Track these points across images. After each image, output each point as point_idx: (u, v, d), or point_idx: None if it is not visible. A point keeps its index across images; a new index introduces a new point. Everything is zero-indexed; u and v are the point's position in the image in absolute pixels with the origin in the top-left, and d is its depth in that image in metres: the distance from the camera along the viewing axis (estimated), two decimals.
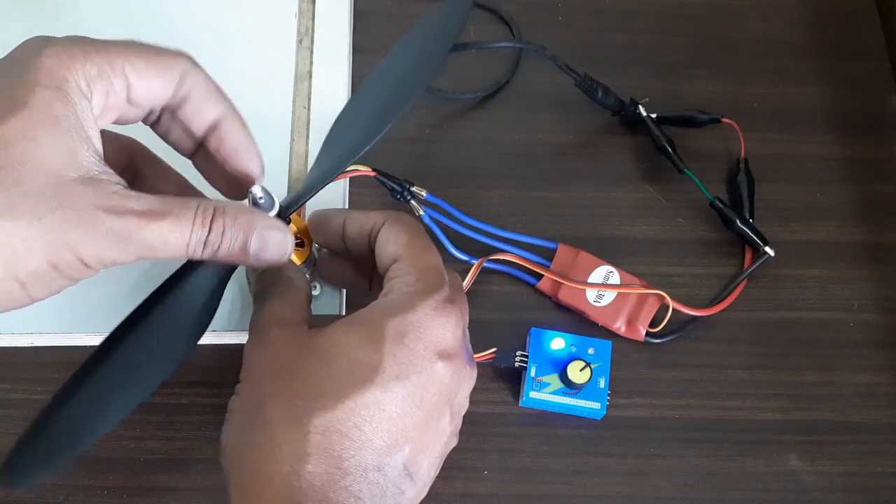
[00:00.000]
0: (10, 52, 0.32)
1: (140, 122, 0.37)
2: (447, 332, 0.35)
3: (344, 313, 0.47)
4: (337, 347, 0.34)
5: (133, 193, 0.32)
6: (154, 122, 0.37)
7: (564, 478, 0.45)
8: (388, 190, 0.47)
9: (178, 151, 0.38)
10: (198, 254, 0.33)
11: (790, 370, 0.48)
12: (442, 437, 0.35)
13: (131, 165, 0.38)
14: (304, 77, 0.53)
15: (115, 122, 0.35)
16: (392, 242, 0.37)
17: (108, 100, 0.33)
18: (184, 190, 0.39)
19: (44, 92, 0.30)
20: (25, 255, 0.29)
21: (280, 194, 0.49)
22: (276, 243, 0.35)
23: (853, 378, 0.48)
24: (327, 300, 0.46)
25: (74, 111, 0.31)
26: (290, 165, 0.50)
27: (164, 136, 0.38)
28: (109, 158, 0.37)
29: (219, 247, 0.33)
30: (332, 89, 0.52)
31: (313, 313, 0.39)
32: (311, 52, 0.53)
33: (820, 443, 0.46)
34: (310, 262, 0.42)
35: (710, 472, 0.45)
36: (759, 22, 0.58)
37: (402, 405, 0.33)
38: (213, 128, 0.36)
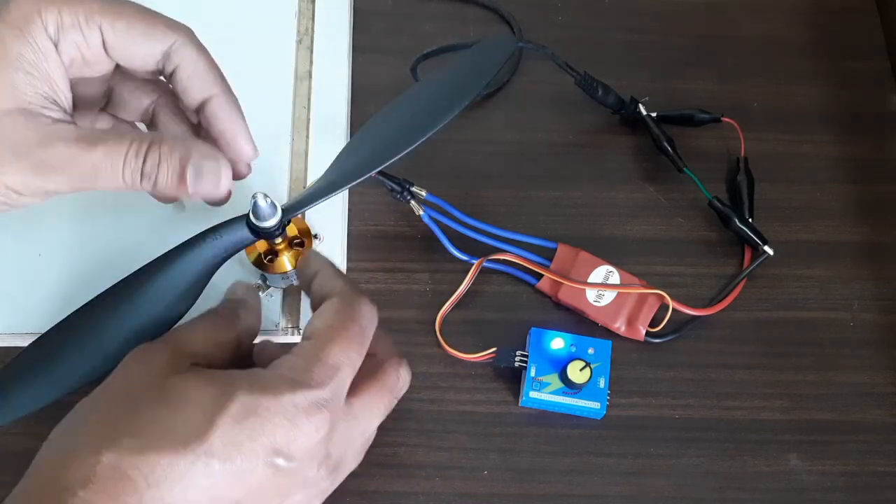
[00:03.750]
0: None
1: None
2: (298, 436, 0.32)
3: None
4: (179, 399, 0.32)
5: (72, 127, 0.32)
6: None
7: (564, 478, 0.45)
8: (389, 190, 0.47)
9: None
10: (136, 185, 0.33)
11: (790, 370, 0.48)
12: None
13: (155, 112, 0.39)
14: (303, 77, 0.52)
15: (96, 75, 0.35)
16: (319, 315, 0.35)
17: (80, 51, 0.33)
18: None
19: (2, 27, 0.32)
20: None
21: (280, 196, 0.50)
22: (210, 172, 0.35)
23: (853, 378, 0.48)
24: None
25: (32, 49, 0.32)
26: (290, 165, 0.50)
27: None
28: (133, 103, 0.38)
29: (156, 178, 0.33)
30: (332, 89, 0.52)
31: None
32: (311, 51, 0.53)
33: (820, 443, 0.46)
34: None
35: (710, 472, 0.45)
36: (759, 22, 0.58)
37: (217, 480, 0.31)
38: (203, 108, 0.36)
